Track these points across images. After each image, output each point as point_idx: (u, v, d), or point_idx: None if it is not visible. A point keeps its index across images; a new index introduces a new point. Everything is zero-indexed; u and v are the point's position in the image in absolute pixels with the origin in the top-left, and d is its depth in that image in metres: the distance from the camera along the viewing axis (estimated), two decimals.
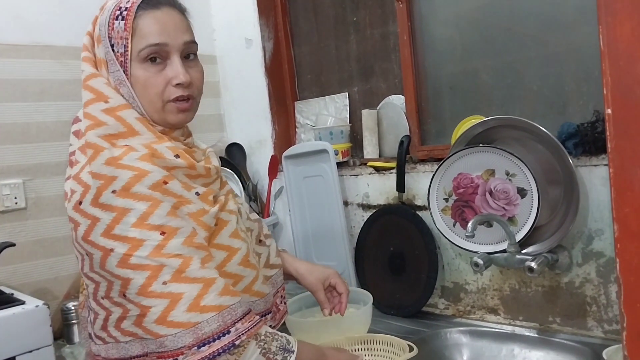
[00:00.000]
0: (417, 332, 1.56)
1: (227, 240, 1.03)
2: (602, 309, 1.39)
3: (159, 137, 1.01)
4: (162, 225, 0.92)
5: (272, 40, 2.16)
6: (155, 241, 0.92)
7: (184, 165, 0.99)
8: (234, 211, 1.07)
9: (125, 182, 0.92)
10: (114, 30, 1.00)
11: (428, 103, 1.77)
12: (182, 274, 0.91)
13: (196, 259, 0.93)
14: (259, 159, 2.24)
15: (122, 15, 1.00)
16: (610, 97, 0.62)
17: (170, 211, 0.94)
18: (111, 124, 0.98)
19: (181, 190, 0.97)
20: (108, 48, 1.01)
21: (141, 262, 0.91)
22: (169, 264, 0.91)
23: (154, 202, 0.93)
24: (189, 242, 0.94)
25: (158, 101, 1.02)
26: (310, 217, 2.00)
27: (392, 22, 1.82)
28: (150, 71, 1.01)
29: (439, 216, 1.54)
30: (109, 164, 0.93)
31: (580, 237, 1.40)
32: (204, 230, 0.98)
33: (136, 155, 0.94)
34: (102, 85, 1.01)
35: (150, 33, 1.00)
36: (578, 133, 1.36)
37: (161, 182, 0.94)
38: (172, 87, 1.02)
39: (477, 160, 1.45)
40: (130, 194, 0.92)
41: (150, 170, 0.94)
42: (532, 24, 1.52)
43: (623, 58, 0.60)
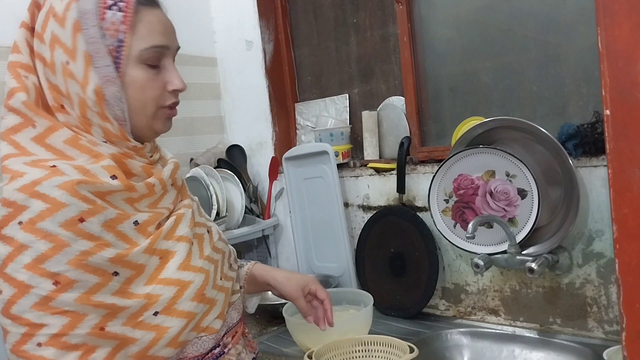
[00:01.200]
0: (418, 334, 1.56)
1: (176, 274, 0.91)
2: (602, 309, 1.39)
3: (95, 155, 0.89)
4: (57, 274, 0.79)
5: (273, 42, 2.16)
6: (44, 291, 0.79)
7: (120, 188, 0.88)
8: (184, 237, 0.96)
9: (35, 214, 0.80)
10: (105, 21, 0.88)
11: (428, 104, 1.77)
12: (61, 338, 0.80)
13: (87, 320, 0.81)
14: (259, 161, 2.24)
15: (119, 6, 0.88)
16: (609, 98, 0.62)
17: (74, 259, 0.80)
18: (40, 154, 0.87)
19: (100, 231, 0.84)
20: (97, 39, 0.87)
21: (22, 314, 0.79)
22: (51, 323, 0.79)
23: (57, 243, 0.80)
24: (85, 299, 0.81)
25: (152, 106, 0.93)
26: (311, 218, 2.01)
27: (392, 23, 1.83)
28: (149, 73, 0.92)
29: (440, 217, 1.54)
30: (23, 190, 0.81)
31: (580, 238, 1.40)
32: (128, 270, 0.86)
33: (57, 182, 0.82)
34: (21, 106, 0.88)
35: (155, 33, 0.92)
36: (578, 134, 1.36)
37: (76, 219, 0.81)
38: (168, 92, 0.95)
39: (477, 161, 1.45)
40: (35, 229, 0.79)
41: (67, 203, 0.81)
42: (531, 25, 1.52)
43: (621, 59, 0.61)
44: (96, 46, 0.87)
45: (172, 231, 0.95)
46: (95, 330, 0.82)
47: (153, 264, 0.90)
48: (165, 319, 0.88)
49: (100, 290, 0.83)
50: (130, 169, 0.93)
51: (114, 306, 0.84)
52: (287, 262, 2.18)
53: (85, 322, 0.81)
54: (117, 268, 0.85)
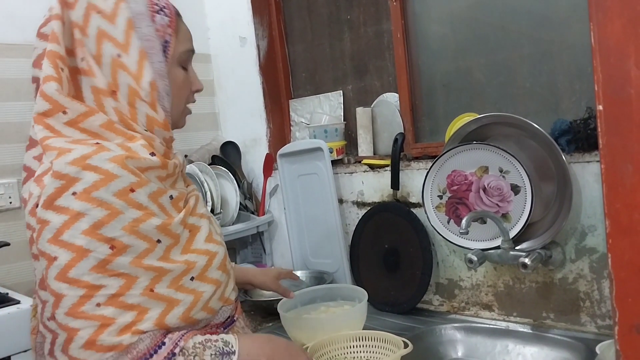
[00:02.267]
0: (412, 329, 1.57)
1: (204, 245, 1.00)
2: (595, 304, 1.40)
3: (129, 138, 0.95)
4: (113, 239, 0.86)
5: (267, 39, 2.16)
6: (102, 254, 0.85)
7: (157, 164, 0.95)
8: (204, 215, 1.06)
9: (89, 184, 0.86)
10: (155, 23, 0.99)
11: (422, 101, 1.77)
12: (119, 298, 0.85)
13: (140, 281, 0.88)
14: (253, 158, 2.24)
15: (164, 11, 1.01)
16: (601, 94, 0.62)
17: (127, 225, 0.87)
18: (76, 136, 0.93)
19: (147, 202, 0.91)
20: (152, 37, 0.98)
21: (81, 276, 0.84)
22: (109, 285, 0.85)
23: (113, 211, 0.86)
24: (137, 263, 0.88)
25: (183, 103, 1.07)
26: (305, 215, 2.01)
27: (386, 20, 1.83)
28: (183, 74, 1.05)
29: (433, 213, 1.54)
30: (74, 163, 0.86)
31: (573, 233, 1.41)
32: (168, 239, 0.94)
33: (107, 156, 0.88)
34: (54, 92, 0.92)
35: (188, 39, 1.06)
36: (571, 130, 1.37)
37: (128, 189, 0.88)
38: (191, 92, 1.09)
39: (470, 157, 1.46)
40: (91, 198, 0.85)
41: (119, 174, 0.88)
42: (525, 22, 1.52)
43: (614, 55, 0.61)
44: (151, 43, 0.98)
45: (195, 209, 1.05)
46: (147, 292, 0.89)
47: (185, 236, 0.99)
48: (200, 284, 0.97)
49: (148, 255, 0.90)
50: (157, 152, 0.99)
51: (161, 269, 0.91)
52: (281, 258, 2.18)
53: (138, 284, 0.88)
54: (160, 236, 0.92)
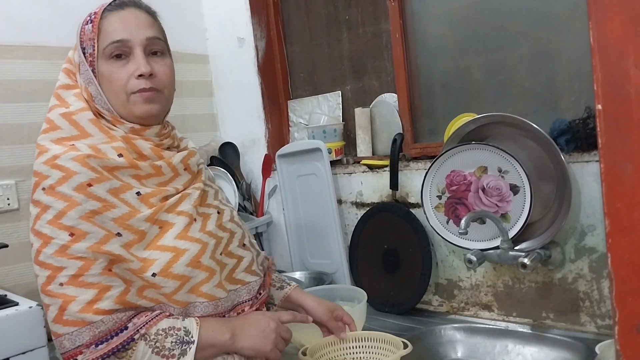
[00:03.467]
0: (412, 329, 1.57)
1: (172, 242, 1.03)
2: (595, 304, 1.40)
3: (110, 137, 1.05)
4: (72, 227, 0.96)
5: (265, 39, 2.16)
6: (62, 241, 0.95)
7: (124, 164, 1.03)
8: (185, 212, 1.07)
9: (54, 180, 0.98)
10: (84, 34, 1.07)
11: (420, 101, 1.77)
12: (78, 278, 0.95)
13: (98, 264, 0.96)
14: (252, 158, 2.23)
15: (91, 19, 1.07)
16: (601, 93, 0.62)
17: (85, 215, 0.97)
18: (65, 128, 1.05)
19: (105, 195, 0.99)
20: (80, 51, 1.08)
21: (46, 260, 0.96)
22: (69, 266, 0.95)
23: (71, 203, 0.96)
24: (95, 248, 0.96)
25: (122, 94, 1.06)
26: (304, 215, 2.00)
27: (384, 20, 1.83)
28: (115, 66, 1.06)
29: (432, 213, 1.54)
30: (47, 162, 0.99)
31: (572, 233, 1.41)
32: (130, 234, 1.00)
33: (72, 155, 0.99)
34: (67, 94, 1.09)
35: (114, 30, 1.06)
36: (570, 129, 1.37)
37: (85, 184, 0.98)
38: (135, 79, 1.05)
39: (469, 157, 1.45)
40: (55, 192, 0.97)
41: (78, 171, 0.98)
42: (523, 21, 1.52)
43: (613, 54, 0.61)
44: (80, 57, 1.08)
45: (175, 206, 1.07)
46: (105, 271, 0.96)
47: (153, 232, 1.03)
48: (162, 280, 1.00)
49: (108, 241, 0.97)
50: (141, 150, 1.07)
51: (119, 257, 0.97)
52: (280, 259, 2.18)
53: (97, 265, 0.95)
54: (120, 230, 0.99)
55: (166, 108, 1.13)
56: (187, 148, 1.19)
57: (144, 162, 1.06)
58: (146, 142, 1.08)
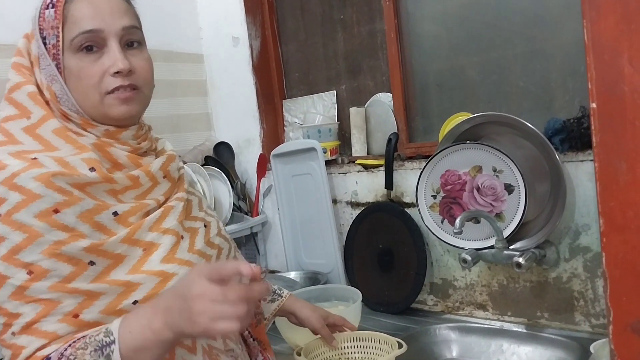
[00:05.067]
0: (407, 329, 1.57)
1: (159, 266, 0.89)
2: (589, 303, 1.40)
3: (79, 147, 0.89)
4: (30, 264, 0.80)
5: (259, 39, 2.15)
6: (19, 281, 0.80)
7: (97, 180, 0.87)
8: (170, 230, 0.93)
9: (12, 205, 0.81)
10: (45, 21, 0.89)
11: (415, 100, 1.77)
12: (33, 326, 0.80)
13: (63, 306, 0.81)
14: (247, 158, 2.23)
15: (52, 2, 0.89)
16: (595, 92, 0.62)
17: (47, 248, 0.81)
18: (27, 143, 0.88)
19: (75, 222, 0.83)
20: (39, 41, 0.90)
21: (1, 303, 0.81)
22: (25, 312, 0.80)
23: (31, 234, 0.80)
24: (59, 287, 0.81)
25: (95, 94, 0.90)
26: (299, 215, 2.00)
27: (379, 19, 1.82)
28: (85, 61, 0.89)
29: (427, 213, 1.54)
30: (4, 182, 0.82)
31: (567, 233, 1.41)
32: (104, 260, 0.85)
33: (34, 173, 0.82)
34: (24, 98, 0.91)
35: (83, 18, 0.88)
36: (564, 129, 1.37)
37: (51, 210, 0.82)
38: (110, 76, 0.90)
39: (464, 157, 1.45)
40: (11, 221, 0.80)
41: (42, 194, 0.81)
42: (517, 21, 1.52)
43: (607, 52, 0.61)
44: (40, 49, 0.91)
45: (158, 223, 0.93)
46: (68, 318, 0.81)
47: (136, 255, 0.89)
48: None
49: (76, 279, 0.82)
50: (116, 159, 0.92)
51: (89, 292, 0.83)
52: (275, 259, 2.17)
53: (58, 309, 0.81)
54: (92, 257, 0.84)
55: (145, 108, 0.98)
56: (164, 151, 1.03)
57: (119, 174, 0.91)
58: (122, 149, 0.93)
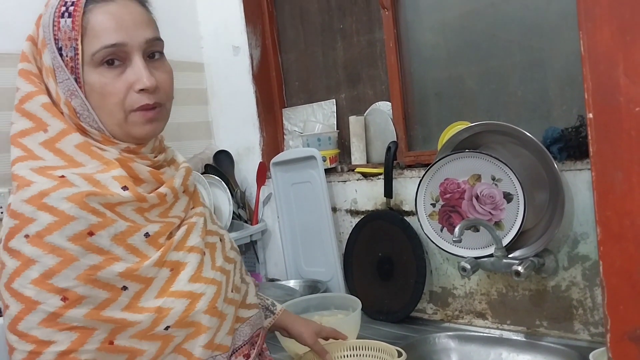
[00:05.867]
0: (406, 338, 1.56)
1: (187, 286, 0.88)
2: (588, 312, 1.40)
3: (106, 163, 0.86)
4: (66, 290, 0.77)
5: (260, 48, 2.16)
6: (52, 307, 0.76)
7: (131, 199, 0.85)
8: (195, 247, 0.92)
9: (42, 227, 0.77)
10: (60, 31, 0.84)
11: (414, 109, 1.78)
12: (69, 355, 0.77)
13: (98, 334, 0.79)
14: (247, 166, 2.23)
15: (69, 11, 0.84)
16: (591, 102, 0.63)
17: (83, 274, 0.78)
18: (48, 159, 0.85)
19: (110, 245, 0.81)
20: (55, 53, 0.85)
21: (29, 330, 0.76)
22: (59, 340, 0.77)
23: (66, 258, 0.77)
24: (94, 315, 0.78)
25: (119, 112, 0.86)
26: (299, 223, 2.00)
27: (379, 29, 1.83)
28: (108, 76, 0.85)
29: (427, 221, 1.54)
30: (31, 202, 0.79)
31: (566, 241, 1.41)
32: (137, 284, 0.84)
33: (66, 194, 0.79)
34: (38, 109, 0.86)
35: (105, 31, 0.84)
36: (562, 138, 1.38)
37: (85, 233, 0.79)
38: (135, 93, 0.86)
39: (463, 165, 1.46)
40: (43, 243, 0.77)
41: (76, 216, 0.78)
42: (516, 30, 1.53)
43: (603, 62, 0.61)
44: (55, 61, 0.85)
45: (183, 241, 0.92)
46: (105, 345, 0.79)
47: (163, 276, 0.87)
48: (176, 331, 0.85)
49: (110, 306, 0.80)
50: (138, 174, 0.89)
51: (124, 321, 0.81)
52: (275, 267, 2.17)
53: (94, 337, 0.79)
54: (126, 282, 0.82)
55: (166, 122, 0.94)
56: (174, 161, 1.02)
57: (145, 191, 0.89)
58: (142, 163, 0.90)
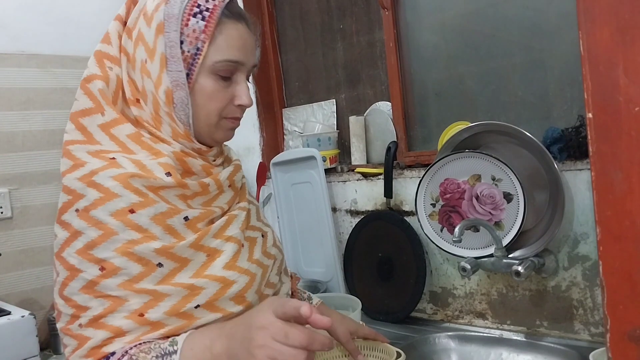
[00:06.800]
0: (406, 338, 1.57)
1: (221, 272, 0.92)
2: (588, 312, 1.40)
3: (155, 153, 0.92)
4: (104, 260, 0.84)
5: (259, 48, 2.15)
6: (91, 275, 0.84)
7: (172, 184, 0.90)
8: (233, 237, 0.97)
9: (89, 202, 0.85)
10: (188, 27, 0.91)
11: (414, 109, 1.78)
12: (100, 320, 0.84)
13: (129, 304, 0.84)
14: (247, 166, 2.23)
15: (203, 15, 0.91)
16: (591, 102, 0.63)
17: (120, 247, 0.84)
18: (105, 144, 0.91)
19: (148, 223, 0.87)
20: (175, 43, 0.91)
21: (71, 295, 0.85)
22: (93, 306, 0.84)
23: (106, 231, 0.84)
24: (126, 285, 0.84)
25: (215, 116, 0.96)
26: (299, 223, 2.00)
27: (379, 29, 1.83)
28: (219, 85, 0.94)
29: (427, 221, 1.54)
30: (82, 179, 0.86)
31: (566, 241, 1.41)
32: (172, 262, 0.88)
33: (113, 173, 0.86)
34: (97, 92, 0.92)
35: (232, 47, 0.94)
36: (562, 138, 1.38)
37: (127, 210, 0.85)
38: (234, 106, 0.98)
39: (463, 165, 1.46)
40: (89, 217, 0.85)
41: (119, 194, 0.85)
42: (516, 31, 1.53)
43: (602, 63, 0.61)
44: (173, 50, 0.91)
45: (222, 230, 0.96)
46: (134, 316, 0.84)
47: (199, 260, 0.92)
48: (203, 313, 0.89)
49: (144, 279, 0.85)
50: (190, 167, 0.95)
51: (155, 292, 0.85)
52: None
53: (125, 306, 0.84)
54: (161, 259, 0.87)
55: None
56: (229, 159, 1.09)
57: (191, 180, 0.94)
58: (199, 160, 0.97)
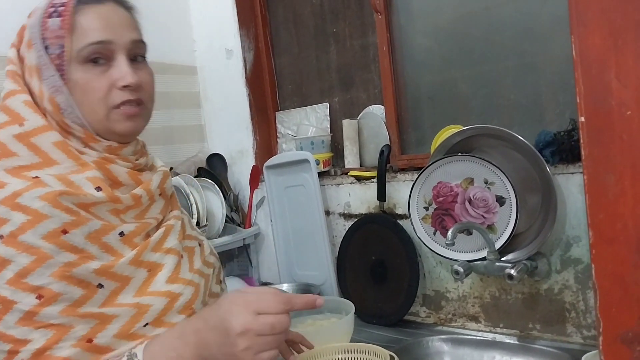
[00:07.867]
0: (399, 341, 1.56)
1: (165, 286, 0.89)
2: (580, 315, 1.41)
3: (81, 164, 0.87)
4: (41, 287, 0.77)
5: (253, 51, 2.16)
6: (28, 306, 0.77)
7: (104, 200, 0.86)
8: (173, 249, 0.94)
9: (16, 226, 0.77)
10: (47, 30, 0.87)
11: (408, 113, 1.78)
12: (45, 352, 0.77)
13: (75, 331, 0.79)
14: (240, 169, 2.23)
15: (58, 11, 0.87)
16: (583, 106, 0.63)
17: (57, 271, 0.78)
18: (22, 155, 0.85)
19: (84, 243, 0.82)
20: (41, 51, 0.87)
21: (7, 330, 0.77)
22: (35, 338, 0.77)
23: (40, 256, 0.77)
24: (70, 311, 0.79)
25: (102, 108, 0.89)
26: (292, 226, 2.00)
27: (372, 33, 1.84)
28: (92, 73, 0.88)
29: (420, 225, 1.55)
30: (4, 203, 0.79)
31: (558, 244, 1.42)
32: (112, 282, 0.84)
33: (39, 193, 0.79)
34: (19, 105, 0.87)
35: (92, 29, 0.87)
36: (555, 141, 1.38)
37: (59, 231, 0.79)
38: (118, 90, 0.89)
39: (456, 169, 1.46)
40: (16, 243, 0.77)
41: (49, 214, 0.79)
42: (509, 35, 1.54)
43: (594, 67, 0.62)
44: (41, 59, 0.87)
45: (160, 243, 0.93)
46: (82, 343, 0.79)
47: (141, 277, 0.88)
48: (152, 330, 0.86)
49: (86, 303, 0.81)
50: (117, 177, 0.91)
51: (102, 315, 0.81)
52: (268, 271, 2.17)
53: (71, 334, 0.79)
54: (101, 280, 0.82)
55: (147, 123, 0.97)
56: (154, 167, 1.03)
57: (123, 194, 0.90)
58: (122, 166, 0.92)
